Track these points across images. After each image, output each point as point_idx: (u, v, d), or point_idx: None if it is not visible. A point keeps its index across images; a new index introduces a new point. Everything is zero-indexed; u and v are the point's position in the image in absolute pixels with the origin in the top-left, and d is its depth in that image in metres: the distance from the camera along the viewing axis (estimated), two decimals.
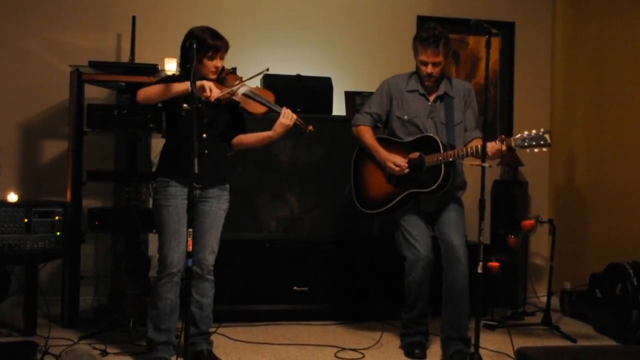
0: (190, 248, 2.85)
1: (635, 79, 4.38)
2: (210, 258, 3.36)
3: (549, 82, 5.42)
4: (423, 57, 3.56)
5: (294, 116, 3.33)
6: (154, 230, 4.14)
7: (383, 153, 3.64)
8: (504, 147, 3.29)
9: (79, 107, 4.09)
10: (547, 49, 5.41)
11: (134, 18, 4.41)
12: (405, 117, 3.66)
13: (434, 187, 3.49)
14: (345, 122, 4.60)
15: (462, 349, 3.45)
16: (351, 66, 5.05)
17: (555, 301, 4.65)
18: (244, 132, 3.45)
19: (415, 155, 3.58)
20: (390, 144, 3.69)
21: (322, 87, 4.58)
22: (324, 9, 5.08)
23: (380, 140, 3.71)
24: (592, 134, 4.84)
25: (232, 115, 3.35)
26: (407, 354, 3.63)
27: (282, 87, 4.48)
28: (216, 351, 3.49)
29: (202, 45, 3.17)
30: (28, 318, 3.85)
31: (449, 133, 3.58)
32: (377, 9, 5.15)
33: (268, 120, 3.45)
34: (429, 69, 3.56)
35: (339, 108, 4.75)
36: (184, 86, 3.09)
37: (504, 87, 5.36)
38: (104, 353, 3.49)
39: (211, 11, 4.89)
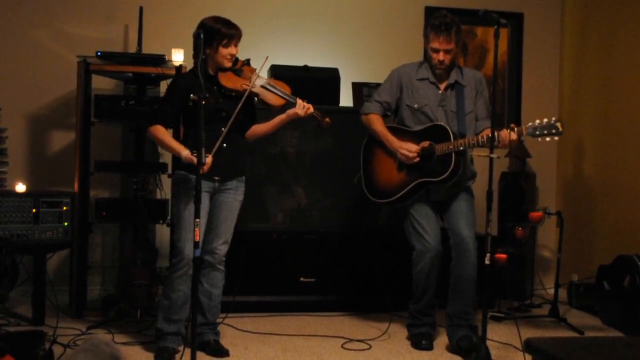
0: (197, 238, 2.85)
1: None
2: (222, 248, 3.40)
3: (558, 73, 5.39)
4: (435, 45, 3.55)
5: (310, 108, 3.35)
6: (160, 221, 4.16)
7: (394, 141, 3.62)
8: (514, 136, 3.27)
9: (86, 98, 4.09)
10: (556, 39, 5.38)
11: (141, 8, 4.40)
12: (416, 105, 3.64)
13: (445, 176, 3.47)
14: (352, 113, 4.59)
15: (469, 335, 3.47)
16: (359, 57, 5.04)
17: (562, 293, 4.64)
18: (255, 122, 3.50)
19: (425, 144, 3.55)
20: (400, 132, 3.66)
21: (329, 78, 4.56)
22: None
23: (390, 129, 3.69)
24: (601, 126, 4.81)
25: (246, 107, 3.35)
26: (414, 345, 3.64)
27: (290, 78, 4.44)
28: (223, 341, 3.50)
29: (217, 34, 3.21)
30: (36, 308, 3.87)
31: (459, 122, 3.56)
32: (385, 0, 5.13)
33: (279, 113, 3.48)
34: (441, 56, 3.55)
35: (346, 99, 4.74)
36: (180, 153, 3.18)
37: (512, 79, 5.33)
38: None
39: (216, 3, 4.86)
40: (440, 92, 3.64)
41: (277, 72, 4.48)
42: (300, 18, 5.00)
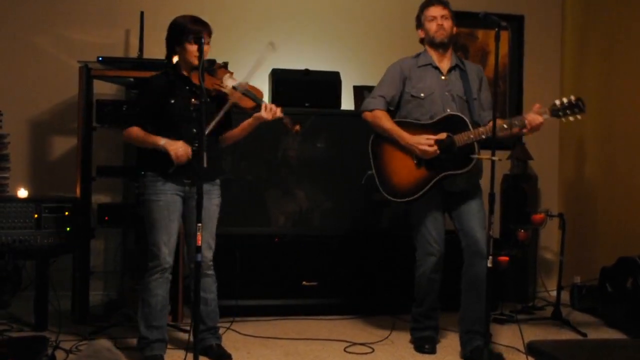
0: (199, 242, 2.85)
1: None
2: (207, 254, 3.34)
3: (559, 75, 5.39)
4: (430, 13, 3.55)
5: (277, 112, 3.28)
6: None
7: (409, 137, 3.43)
8: (540, 118, 3.23)
9: (88, 103, 4.10)
10: (557, 42, 5.38)
11: (142, 13, 4.41)
12: (422, 94, 3.51)
13: (470, 166, 3.32)
14: (354, 116, 4.59)
15: (482, 346, 3.31)
16: (360, 61, 5.04)
17: (565, 295, 4.63)
18: (231, 127, 3.46)
19: (442, 136, 3.40)
20: (412, 127, 3.49)
21: (330, 82, 4.57)
22: (332, 3, 5.06)
23: (399, 124, 3.52)
24: (602, 128, 4.81)
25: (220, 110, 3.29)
26: (417, 349, 3.62)
27: (291, 82, 4.49)
28: (225, 345, 3.50)
29: (183, 31, 3.23)
30: (39, 313, 3.87)
31: (470, 108, 3.45)
32: (386, 3, 5.13)
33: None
34: (439, 20, 3.52)
35: (347, 102, 4.75)
36: (158, 143, 3.18)
37: (513, 81, 5.34)
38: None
39: (219, 6, 4.89)
40: (443, 77, 3.53)
41: (278, 75, 4.49)
42: (301, 22, 5.01)
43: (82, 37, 4.67)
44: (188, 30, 3.23)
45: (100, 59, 4.08)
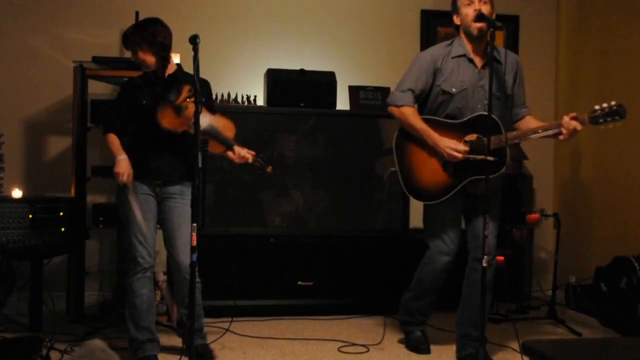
0: (194, 243, 2.84)
1: None
2: (185, 259, 3.27)
3: (554, 75, 5.40)
4: None
5: (249, 159, 3.25)
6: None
7: (439, 139, 3.25)
8: (579, 126, 3.11)
9: (82, 103, 4.10)
10: (552, 42, 5.39)
11: (137, 13, 4.41)
12: (454, 89, 3.30)
13: (500, 173, 3.19)
14: (349, 116, 4.61)
15: (475, 353, 3.28)
16: (355, 60, 5.04)
17: (560, 295, 4.64)
18: None
19: (472, 137, 3.27)
20: (441, 126, 3.31)
21: (325, 82, 4.57)
22: (327, 3, 5.06)
23: (427, 122, 3.33)
24: (597, 128, 4.80)
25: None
26: (412, 349, 3.60)
27: (286, 82, 4.49)
28: (221, 346, 3.49)
29: (125, 41, 3.27)
30: (34, 313, 3.86)
31: (502, 106, 3.22)
32: (381, 3, 5.14)
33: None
34: (477, 5, 3.22)
35: (342, 102, 4.75)
36: (116, 157, 3.24)
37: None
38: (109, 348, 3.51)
39: (213, 6, 4.89)
40: (477, 70, 3.31)
41: (273, 76, 4.49)
42: (297, 22, 5.01)
43: (77, 36, 4.66)
44: (125, 40, 3.28)
45: (95, 58, 4.07)
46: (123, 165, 3.21)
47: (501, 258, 4.37)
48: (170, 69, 3.32)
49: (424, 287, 3.52)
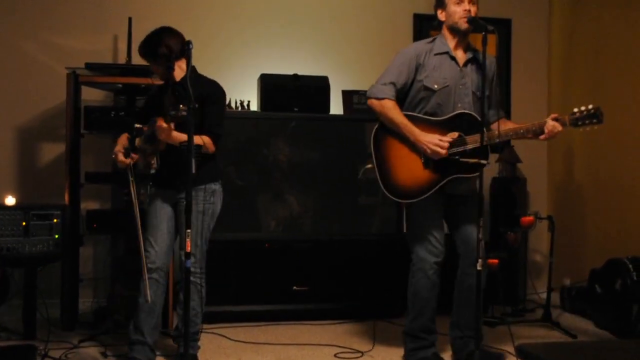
0: (188, 249, 2.83)
1: (632, 75, 4.38)
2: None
3: (546, 78, 5.42)
4: None
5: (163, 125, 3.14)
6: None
7: (420, 135, 3.20)
8: (559, 127, 3.12)
9: (76, 109, 4.08)
10: (544, 45, 5.41)
11: (130, 19, 4.40)
12: (435, 86, 3.26)
13: (481, 170, 3.10)
14: (343, 120, 4.62)
15: (473, 350, 3.21)
16: (348, 65, 5.05)
17: (555, 297, 4.65)
18: (205, 126, 3.29)
19: (454, 135, 3.22)
20: (422, 122, 3.25)
21: (319, 86, 4.57)
22: (320, 8, 5.07)
23: (407, 118, 3.26)
24: (590, 130, 4.81)
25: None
26: None
27: (280, 87, 4.49)
28: (216, 352, 3.48)
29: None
30: (27, 321, 3.84)
31: (482, 105, 3.14)
32: (374, 8, 5.15)
33: None
34: (466, 5, 3.20)
35: (336, 107, 4.75)
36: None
37: (501, 84, 5.35)
38: (104, 355, 3.49)
39: (206, 11, 4.89)
40: (459, 68, 3.28)
41: (267, 80, 4.49)
42: (290, 27, 5.01)
43: (70, 43, 4.65)
44: None
45: (88, 65, 4.07)
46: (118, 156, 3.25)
47: (495, 261, 4.38)
48: (178, 76, 3.30)
49: (420, 300, 3.35)
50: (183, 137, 3.03)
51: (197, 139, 3.11)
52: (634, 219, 4.32)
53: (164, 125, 3.08)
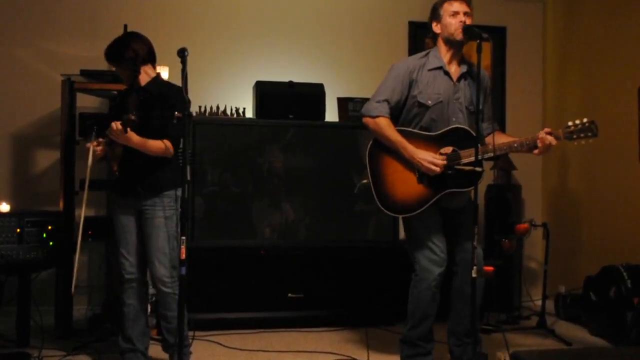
0: (183, 256, 2.82)
1: (625, 83, 4.40)
2: (156, 272, 3.24)
3: (541, 86, 5.44)
4: (454, 8, 3.23)
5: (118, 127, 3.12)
6: None
7: (414, 152, 3.21)
8: (554, 141, 3.12)
9: (70, 116, 4.08)
10: (539, 53, 5.44)
11: (125, 26, 4.40)
12: (429, 102, 3.25)
13: (476, 184, 3.08)
14: (338, 128, 4.62)
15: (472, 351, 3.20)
16: (343, 72, 5.06)
17: (550, 304, 4.65)
18: (161, 133, 3.24)
19: (448, 150, 3.23)
20: (415, 137, 3.26)
21: (314, 94, 4.58)
22: (315, 15, 5.09)
23: (402, 133, 3.28)
24: (585, 142, 4.84)
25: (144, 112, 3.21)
26: None
27: (275, 94, 4.50)
28: (212, 358, 3.46)
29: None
30: (21, 329, 3.83)
31: (476, 120, 3.11)
32: (369, 15, 5.17)
33: None
34: (462, 17, 3.21)
35: (331, 114, 4.76)
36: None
37: (496, 92, 5.37)
38: None
39: (202, 19, 4.90)
40: (453, 83, 3.29)
41: (262, 88, 4.50)
42: (285, 34, 5.02)
43: (65, 49, 4.65)
44: None
45: (83, 71, 4.06)
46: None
47: (490, 268, 4.38)
48: (143, 80, 3.30)
49: (422, 310, 3.31)
50: (137, 138, 3.09)
51: (159, 143, 3.16)
52: (628, 226, 4.34)
53: (115, 127, 3.06)
